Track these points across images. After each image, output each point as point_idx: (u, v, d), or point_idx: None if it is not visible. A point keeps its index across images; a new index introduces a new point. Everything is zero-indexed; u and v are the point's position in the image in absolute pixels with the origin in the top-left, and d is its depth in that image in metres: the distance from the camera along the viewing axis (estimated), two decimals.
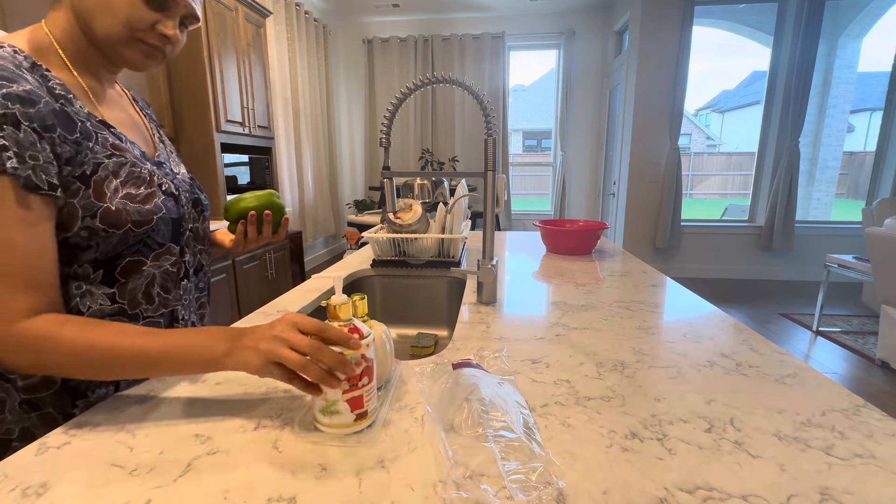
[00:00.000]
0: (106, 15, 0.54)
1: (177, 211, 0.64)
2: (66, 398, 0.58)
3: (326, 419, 0.49)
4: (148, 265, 0.61)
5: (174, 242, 0.64)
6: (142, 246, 0.60)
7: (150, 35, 0.57)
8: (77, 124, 0.54)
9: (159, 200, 0.60)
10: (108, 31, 0.55)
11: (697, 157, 15.09)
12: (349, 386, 0.48)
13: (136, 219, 0.57)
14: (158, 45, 0.58)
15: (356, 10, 4.92)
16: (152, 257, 0.62)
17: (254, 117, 2.98)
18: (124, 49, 0.57)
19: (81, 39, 0.57)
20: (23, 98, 0.48)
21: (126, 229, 0.56)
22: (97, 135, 0.56)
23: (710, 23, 4.97)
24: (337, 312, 0.49)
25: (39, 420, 0.57)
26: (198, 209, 0.71)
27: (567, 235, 1.54)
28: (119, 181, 0.56)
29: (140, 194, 0.58)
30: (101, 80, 0.62)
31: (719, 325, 0.84)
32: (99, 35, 0.56)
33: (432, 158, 4.88)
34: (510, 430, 0.47)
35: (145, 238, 0.59)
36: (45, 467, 0.44)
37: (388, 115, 0.90)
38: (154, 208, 0.59)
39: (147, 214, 0.58)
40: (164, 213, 0.61)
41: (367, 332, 0.50)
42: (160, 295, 0.64)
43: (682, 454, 0.46)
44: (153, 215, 0.59)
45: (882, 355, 2.47)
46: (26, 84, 0.49)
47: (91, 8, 0.54)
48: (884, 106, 4.09)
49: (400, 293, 1.33)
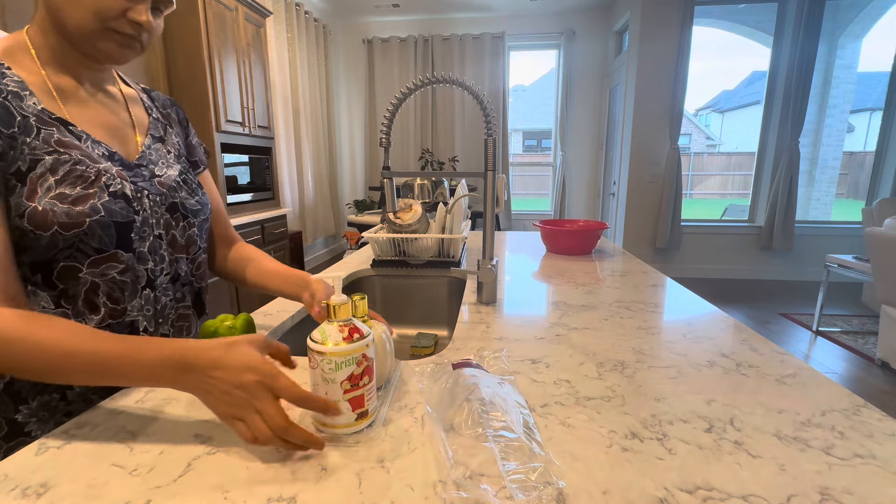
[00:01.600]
0: (75, 8, 0.53)
1: (126, 215, 0.58)
2: (7, 402, 0.56)
3: (327, 420, 0.49)
4: (84, 272, 0.56)
5: (123, 249, 0.59)
6: (75, 251, 0.55)
7: (122, 24, 0.55)
8: (17, 118, 0.52)
9: (98, 202, 0.55)
10: (79, 24, 0.54)
11: (697, 157, 15.09)
12: (350, 386, 0.48)
13: (64, 221, 0.53)
14: (132, 33, 0.57)
15: (356, 10, 4.93)
16: (89, 264, 0.56)
17: (254, 117, 2.98)
18: (99, 42, 0.56)
19: (55, 37, 0.56)
20: None
21: (53, 232, 0.52)
22: (41, 130, 0.54)
23: (710, 23, 4.97)
24: (336, 312, 0.49)
25: None
26: (175, 214, 0.66)
27: (567, 235, 1.54)
28: (55, 179, 0.53)
29: (73, 195, 0.54)
30: (80, 79, 0.61)
31: (719, 325, 0.84)
32: (71, 29, 0.55)
33: (432, 158, 4.88)
34: (510, 430, 0.47)
35: (77, 243, 0.54)
36: (45, 467, 0.44)
37: (388, 115, 0.90)
38: (88, 210, 0.54)
39: (77, 217, 0.53)
40: (101, 216, 0.55)
41: (366, 332, 0.50)
42: (107, 305, 0.58)
43: (682, 454, 0.46)
44: (86, 218, 0.54)
45: (882, 355, 2.47)
46: None
47: (61, 3, 0.53)
48: (884, 106, 4.09)
49: (400, 293, 1.33)
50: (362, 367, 0.48)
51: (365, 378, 0.49)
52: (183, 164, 0.72)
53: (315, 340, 0.48)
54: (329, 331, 0.48)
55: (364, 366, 0.48)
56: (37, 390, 0.57)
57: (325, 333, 0.48)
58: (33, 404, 0.57)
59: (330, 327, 0.49)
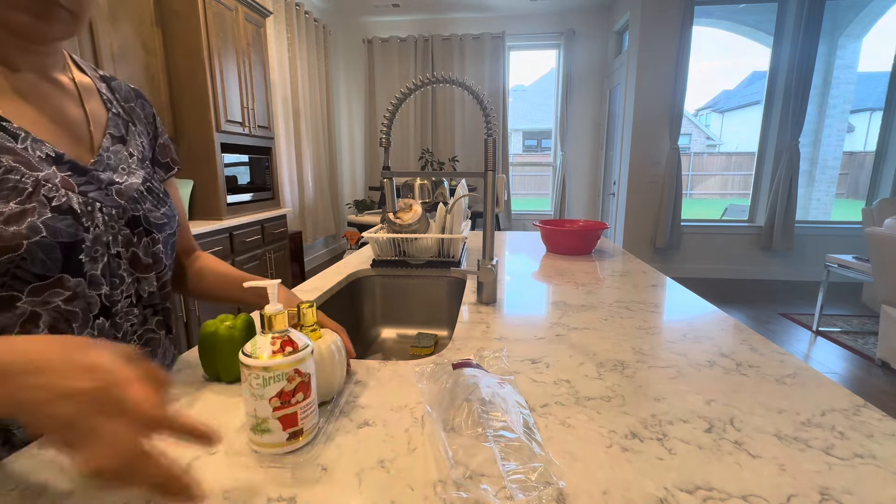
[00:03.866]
0: None
1: (72, 233, 0.49)
2: None
3: (257, 437, 0.45)
4: (23, 301, 0.47)
5: (69, 273, 0.50)
6: (10, 278, 0.45)
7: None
8: None
9: (37, 220, 0.46)
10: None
11: (697, 157, 15.09)
12: (280, 403, 0.44)
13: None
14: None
15: (356, 10, 4.93)
16: (29, 292, 0.47)
17: (254, 117, 2.98)
18: (6, 12, 0.46)
19: None
20: None
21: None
22: None
23: (710, 23, 4.97)
24: (271, 323, 0.46)
25: None
26: (137, 229, 0.58)
27: (567, 235, 1.54)
28: None
29: (6, 212, 0.44)
30: (15, 65, 0.50)
31: (719, 325, 0.84)
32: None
33: (432, 158, 4.88)
34: (510, 430, 0.47)
35: (13, 269, 0.45)
36: (45, 467, 0.44)
37: (388, 115, 0.90)
38: (25, 230, 0.45)
39: (12, 239, 0.44)
40: (42, 236, 0.46)
41: (302, 345, 0.46)
42: None
43: (682, 454, 0.46)
44: (22, 240, 0.45)
45: (882, 355, 2.47)
46: None
47: None
48: (884, 106, 4.09)
49: (400, 293, 1.33)
50: (294, 384, 0.45)
51: (298, 395, 0.45)
52: (147, 170, 0.63)
53: (245, 353, 0.45)
54: (261, 343, 0.45)
55: (297, 382, 0.45)
56: None
57: (256, 346, 0.45)
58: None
59: (263, 339, 0.45)
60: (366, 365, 0.68)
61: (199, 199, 2.65)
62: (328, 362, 0.55)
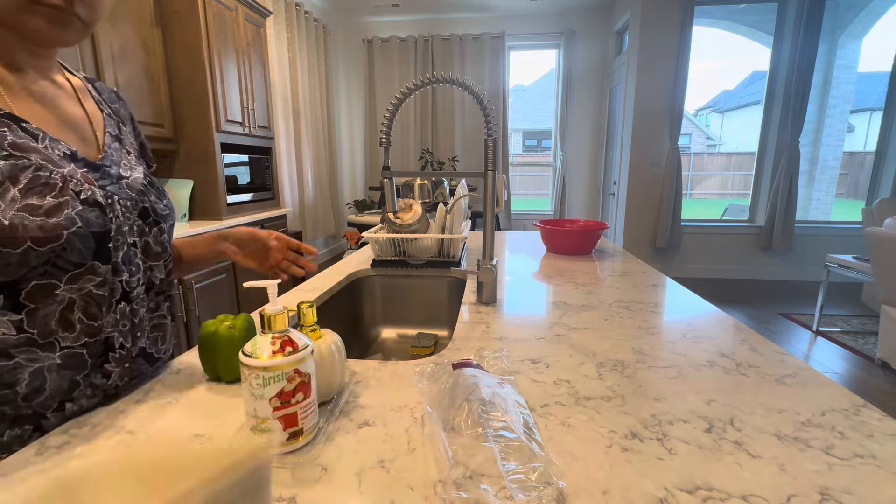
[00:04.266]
0: None
1: (101, 224, 0.54)
2: None
3: (257, 437, 0.45)
4: (62, 289, 0.51)
5: (99, 261, 0.54)
6: (51, 267, 0.50)
7: None
8: None
9: (72, 212, 0.50)
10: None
11: (697, 157, 15.08)
12: (280, 403, 0.44)
13: (38, 235, 0.47)
14: (60, 4, 0.49)
15: (356, 10, 4.93)
16: (67, 280, 0.51)
17: (254, 117, 2.98)
18: (25, 17, 0.49)
19: None
20: None
21: (25, 248, 0.47)
22: None
23: (710, 23, 4.97)
24: (271, 323, 0.46)
25: None
26: (147, 220, 0.62)
27: (567, 235, 1.54)
28: (17, 189, 0.47)
29: (44, 205, 0.48)
30: (22, 69, 0.53)
31: (719, 325, 0.84)
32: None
33: (432, 158, 4.88)
34: (510, 430, 0.47)
35: (53, 258, 0.49)
36: (45, 467, 0.44)
37: (388, 115, 0.90)
38: (64, 222, 0.49)
39: (54, 230, 0.48)
40: (78, 226, 0.51)
41: (302, 345, 0.46)
42: (83, 321, 0.53)
43: (682, 454, 0.46)
44: (63, 230, 0.49)
45: (882, 355, 2.47)
46: None
47: None
48: (884, 106, 4.09)
49: (400, 293, 1.33)
50: (294, 384, 0.45)
51: (298, 395, 0.45)
52: (143, 166, 0.67)
53: (245, 353, 0.45)
54: (261, 343, 0.45)
55: (297, 382, 0.45)
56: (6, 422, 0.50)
57: (256, 345, 0.45)
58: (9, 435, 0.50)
59: (263, 339, 0.45)
60: (366, 365, 0.68)
61: (199, 199, 2.65)
62: (328, 362, 0.55)
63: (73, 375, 0.53)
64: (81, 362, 0.54)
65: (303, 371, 0.46)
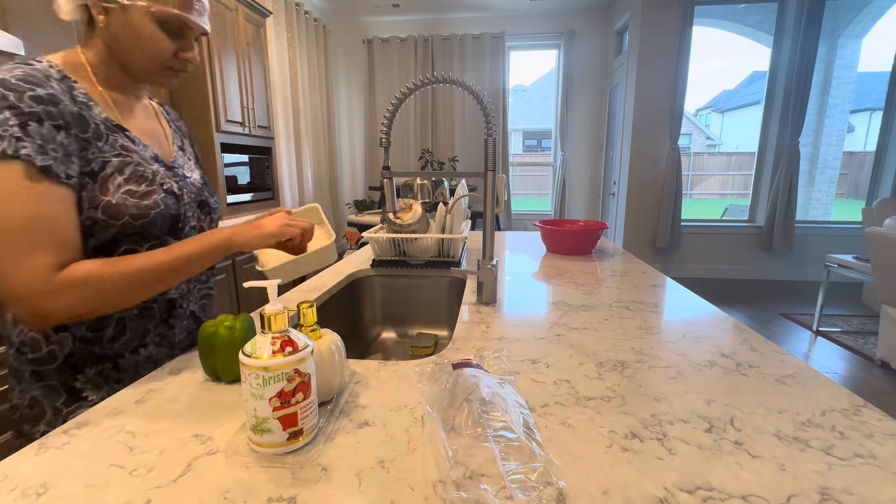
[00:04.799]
0: (138, 54, 0.65)
1: (176, 209, 0.70)
2: (67, 371, 0.66)
3: (257, 437, 0.45)
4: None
5: (172, 236, 0.70)
6: (138, 236, 0.66)
7: (175, 62, 0.68)
8: (91, 126, 0.62)
9: (158, 197, 0.67)
10: (141, 66, 0.67)
11: (697, 157, 15.07)
12: (280, 403, 0.44)
13: (134, 212, 0.64)
14: (182, 67, 0.70)
15: (356, 10, 4.92)
16: (147, 248, 0.68)
17: (254, 117, 2.98)
18: (157, 77, 0.69)
19: (113, 66, 0.68)
20: (45, 99, 0.57)
21: (124, 221, 0.63)
22: (108, 136, 0.65)
23: (710, 23, 4.97)
24: (270, 323, 0.46)
25: (44, 391, 0.66)
26: (204, 210, 0.79)
27: (567, 235, 1.54)
28: (122, 178, 0.64)
29: (140, 191, 0.65)
30: (127, 94, 0.72)
31: (719, 325, 0.84)
32: (133, 69, 0.68)
33: (432, 158, 4.88)
34: (510, 430, 0.47)
35: (141, 230, 0.66)
36: (45, 467, 0.44)
37: (388, 115, 0.90)
38: (152, 204, 0.66)
39: (145, 209, 0.65)
40: (161, 209, 0.67)
41: (302, 345, 0.46)
42: None
43: (682, 454, 0.46)
44: (151, 210, 0.66)
45: (882, 355, 2.47)
46: (50, 88, 0.58)
47: (125, 47, 0.65)
48: (884, 106, 4.09)
49: (400, 293, 1.33)
50: (294, 384, 0.45)
51: (298, 395, 0.45)
52: (199, 170, 0.84)
53: (245, 353, 0.45)
54: (261, 343, 0.45)
55: (297, 382, 0.45)
56: (92, 360, 0.67)
57: (256, 346, 0.45)
58: (90, 372, 0.68)
59: (262, 339, 0.45)
60: (366, 365, 0.68)
61: None
62: (328, 362, 0.55)
63: (146, 325, 0.71)
64: (152, 315, 0.72)
65: (303, 371, 0.46)
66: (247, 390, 0.45)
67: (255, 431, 0.45)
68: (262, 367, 0.44)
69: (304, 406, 0.46)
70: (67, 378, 0.66)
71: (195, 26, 0.67)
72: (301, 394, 0.46)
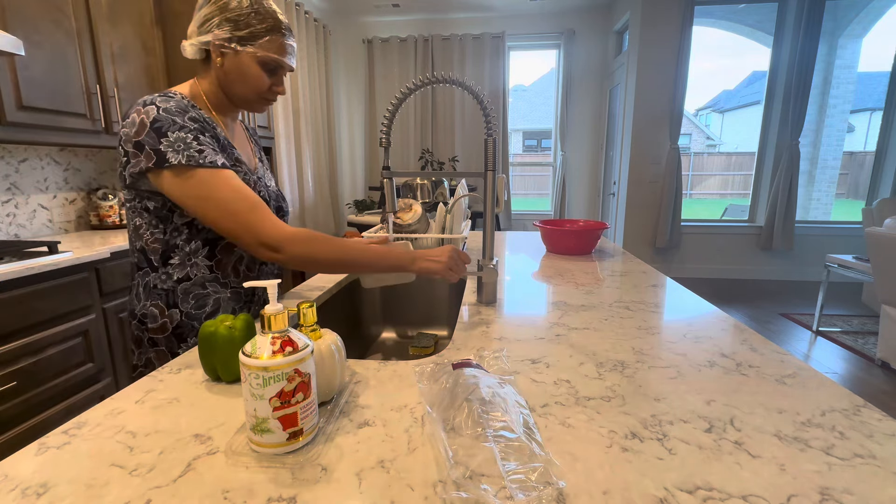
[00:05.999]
0: (242, 86, 0.82)
1: None
2: (174, 340, 0.83)
3: (257, 437, 0.45)
4: (237, 250, 0.86)
5: None
6: None
7: (269, 93, 0.85)
8: (220, 141, 0.81)
9: None
10: (242, 95, 0.84)
11: (697, 157, 15.07)
12: (280, 403, 0.45)
13: None
14: (273, 98, 0.86)
15: (356, 10, 4.92)
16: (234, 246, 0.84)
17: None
18: (253, 105, 0.86)
19: (221, 95, 0.85)
20: (198, 119, 0.78)
21: None
22: (228, 150, 0.83)
23: (710, 23, 4.97)
24: (270, 323, 0.46)
25: (156, 354, 0.83)
26: (280, 214, 0.95)
27: (567, 235, 1.54)
28: None
29: None
30: (228, 117, 0.89)
31: (719, 325, 0.84)
32: (236, 98, 0.85)
33: (432, 158, 4.88)
34: (510, 430, 0.47)
35: None
36: (45, 467, 0.44)
37: (388, 115, 0.90)
38: None
39: None
40: None
41: (302, 345, 0.46)
42: (244, 272, 0.88)
43: (682, 454, 0.46)
44: None
45: (882, 355, 2.47)
46: (194, 113, 0.78)
47: (233, 82, 0.82)
48: (884, 106, 4.09)
49: (400, 293, 1.33)
50: (294, 384, 0.45)
51: (298, 395, 0.45)
52: (273, 180, 0.98)
53: (245, 353, 0.45)
54: (261, 343, 0.45)
55: (297, 382, 0.45)
56: (193, 332, 0.83)
57: (256, 346, 0.45)
58: (190, 342, 0.83)
59: (262, 339, 0.45)
60: (366, 365, 0.68)
61: None
62: (328, 362, 0.55)
63: (234, 305, 0.88)
64: (240, 298, 0.89)
65: (303, 371, 0.46)
66: (247, 390, 0.45)
67: (255, 431, 0.45)
68: (262, 366, 0.44)
69: (304, 406, 0.46)
70: (173, 345, 0.82)
71: (287, 67, 0.83)
72: (301, 394, 0.46)
